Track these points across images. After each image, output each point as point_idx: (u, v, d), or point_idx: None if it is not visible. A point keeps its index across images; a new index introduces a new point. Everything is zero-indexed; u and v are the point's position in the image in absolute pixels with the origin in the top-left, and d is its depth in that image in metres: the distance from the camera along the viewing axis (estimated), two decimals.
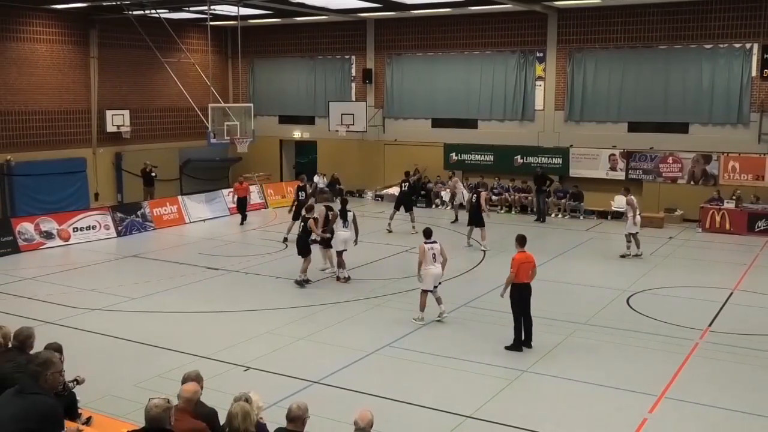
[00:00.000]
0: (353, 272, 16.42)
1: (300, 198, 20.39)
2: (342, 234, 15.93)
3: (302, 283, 15.51)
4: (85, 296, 14.85)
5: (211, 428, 6.01)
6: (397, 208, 22.15)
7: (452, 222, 23.22)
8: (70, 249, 19.85)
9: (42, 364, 5.50)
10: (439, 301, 13.02)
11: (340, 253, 15.98)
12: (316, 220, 15.77)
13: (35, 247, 19.49)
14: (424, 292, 12.92)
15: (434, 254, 12.82)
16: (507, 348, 11.53)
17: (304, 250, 15.56)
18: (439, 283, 13.08)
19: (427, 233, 13.22)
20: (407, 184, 22.63)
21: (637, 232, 18.45)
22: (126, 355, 11.37)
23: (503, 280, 11.90)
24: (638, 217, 18.60)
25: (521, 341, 11.58)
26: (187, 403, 5.96)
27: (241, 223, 23.27)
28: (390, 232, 21.43)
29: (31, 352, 7.30)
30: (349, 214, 16.10)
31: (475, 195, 19.89)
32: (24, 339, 7.00)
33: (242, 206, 23.56)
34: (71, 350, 8.77)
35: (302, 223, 15.81)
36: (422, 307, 12.97)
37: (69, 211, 21.73)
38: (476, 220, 19.45)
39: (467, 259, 18.19)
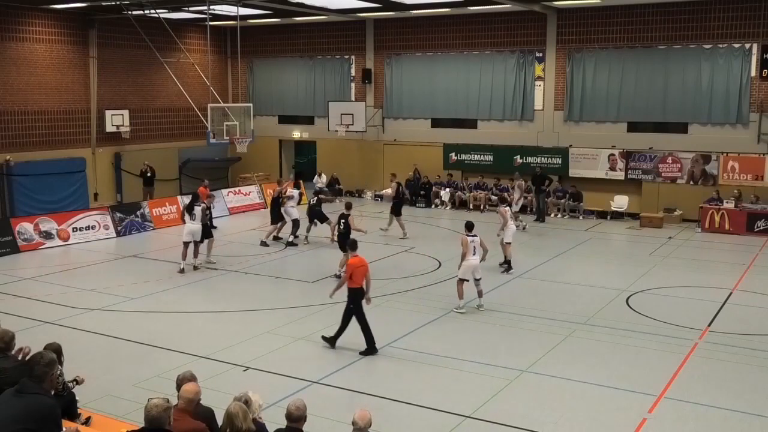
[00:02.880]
0: None
1: (279, 200, 20.19)
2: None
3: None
4: (84, 296, 14.84)
5: (209, 428, 6.01)
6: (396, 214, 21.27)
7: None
8: (70, 249, 19.84)
9: (49, 364, 5.52)
10: (480, 294, 13.69)
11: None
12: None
13: (34, 247, 19.47)
14: (461, 281, 13.62)
15: (475, 246, 13.60)
16: (362, 353, 11.33)
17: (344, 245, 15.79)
18: (481, 277, 13.73)
19: (469, 226, 14.02)
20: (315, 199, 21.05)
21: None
22: (125, 355, 11.37)
23: (503, 280, 11.91)
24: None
25: (374, 341, 11.42)
26: (188, 404, 5.96)
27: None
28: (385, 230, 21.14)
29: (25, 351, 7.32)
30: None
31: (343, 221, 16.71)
32: (9, 341, 6.98)
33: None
34: (71, 350, 8.78)
35: (343, 221, 16.27)
36: (460, 295, 13.58)
37: (68, 211, 21.72)
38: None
39: None
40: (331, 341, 11.64)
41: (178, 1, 23.51)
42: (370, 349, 11.42)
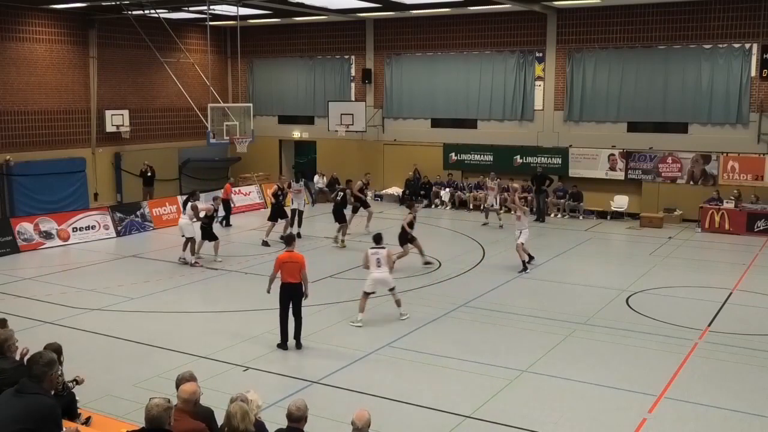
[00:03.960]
0: (352, 272, 16.42)
1: (279, 200, 20.39)
2: None
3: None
4: (84, 296, 14.84)
5: (209, 428, 6.01)
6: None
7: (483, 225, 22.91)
8: (70, 249, 19.84)
9: (48, 363, 5.52)
10: (398, 303, 13.21)
11: None
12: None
13: (34, 247, 19.48)
14: (365, 294, 13.06)
15: (378, 259, 12.99)
16: (278, 346, 11.67)
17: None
18: (393, 287, 13.20)
19: (376, 239, 13.52)
20: (341, 195, 20.94)
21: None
22: (125, 355, 11.37)
23: (503, 280, 11.91)
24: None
25: (286, 339, 11.71)
26: (186, 404, 5.95)
27: (224, 226, 22.68)
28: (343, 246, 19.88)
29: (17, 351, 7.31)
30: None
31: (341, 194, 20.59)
32: (2, 342, 6.93)
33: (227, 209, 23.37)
34: (71, 350, 8.79)
35: (341, 194, 19.13)
36: (361, 309, 13.04)
37: (68, 211, 21.73)
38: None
39: (467, 259, 18.18)
40: (282, 346, 11.68)
41: (178, 1, 23.50)
42: (283, 344, 11.67)
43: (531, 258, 17.06)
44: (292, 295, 11.74)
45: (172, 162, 28.22)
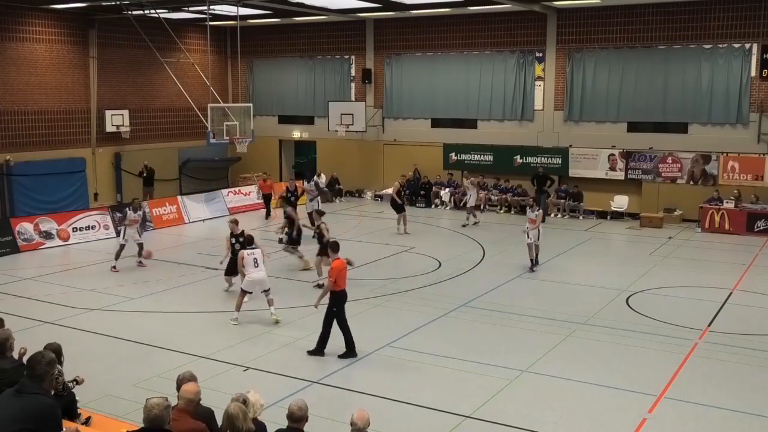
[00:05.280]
0: (353, 272, 16.35)
1: (290, 200, 20.38)
2: None
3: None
4: (84, 296, 14.84)
5: (209, 428, 6.01)
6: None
7: (463, 226, 22.84)
8: (70, 249, 19.84)
9: (48, 364, 5.52)
10: (270, 303, 13.12)
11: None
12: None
13: (34, 247, 19.48)
14: (243, 292, 13.08)
15: (255, 259, 12.99)
16: (341, 356, 11.19)
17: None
18: (268, 289, 13.15)
19: (249, 240, 13.57)
20: (294, 196, 21.15)
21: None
22: (125, 355, 11.37)
23: (503, 280, 11.89)
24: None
25: (325, 345, 11.29)
26: (188, 404, 5.95)
27: (266, 218, 23.92)
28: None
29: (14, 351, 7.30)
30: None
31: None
32: (3, 341, 6.90)
33: (267, 202, 24.67)
34: (71, 350, 8.79)
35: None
36: (237, 307, 13.02)
37: (68, 211, 21.73)
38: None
39: (467, 259, 18.18)
40: (318, 351, 11.29)
41: (178, 1, 23.50)
42: (350, 352, 11.24)
43: (534, 263, 16.96)
44: (345, 301, 11.42)
45: (172, 162, 28.22)
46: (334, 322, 11.27)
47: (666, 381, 10.30)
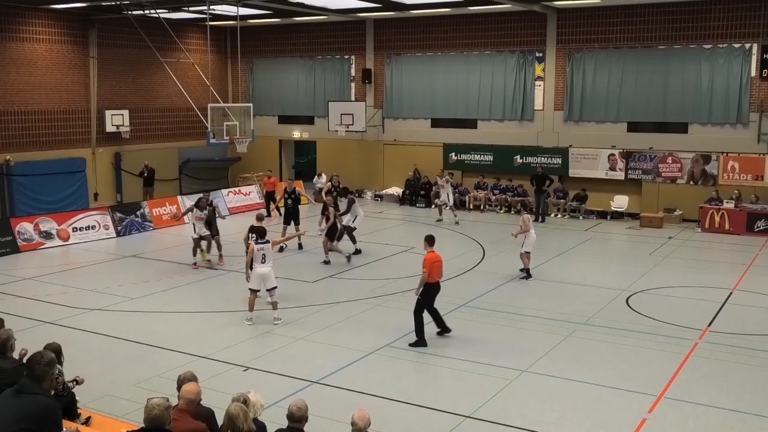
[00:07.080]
0: (353, 272, 16.43)
1: (287, 204, 19.62)
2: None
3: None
4: (84, 296, 14.84)
5: (209, 428, 6.01)
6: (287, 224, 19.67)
7: (437, 221, 23.04)
8: (70, 249, 19.83)
9: (48, 364, 5.52)
10: (274, 306, 12.97)
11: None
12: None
13: (34, 247, 19.47)
14: (252, 291, 12.99)
15: (264, 254, 12.81)
16: (411, 345, 11.64)
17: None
18: (274, 287, 12.94)
19: (261, 233, 13.32)
20: (291, 198, 20.09)
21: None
22: (125, 355, 11.36)
23: (503, 280, 11.89)
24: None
25: (423, 335, 11.76)
26: (189, 404, 5.96)
27: (268, 215, 23.19)
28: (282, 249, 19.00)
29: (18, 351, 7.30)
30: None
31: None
32: (4, 342, 6.86)
33: (270, 200, 24.68)
34: (71, 350, 8.80)
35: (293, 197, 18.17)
36: (251, 307, 13.00)
37: (68, 211, 21.72)
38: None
39: (467, 259, 18.18)
40: (421, 343, 11.64)
41: (178, 1, 23.51)
42: (443, 331, 12.02)
43: (528, 274, 16.19)
44: (437, 293, 11.91)
45: (172, 162, 28.23)
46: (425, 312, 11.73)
47: (666, 381, 10.30)
